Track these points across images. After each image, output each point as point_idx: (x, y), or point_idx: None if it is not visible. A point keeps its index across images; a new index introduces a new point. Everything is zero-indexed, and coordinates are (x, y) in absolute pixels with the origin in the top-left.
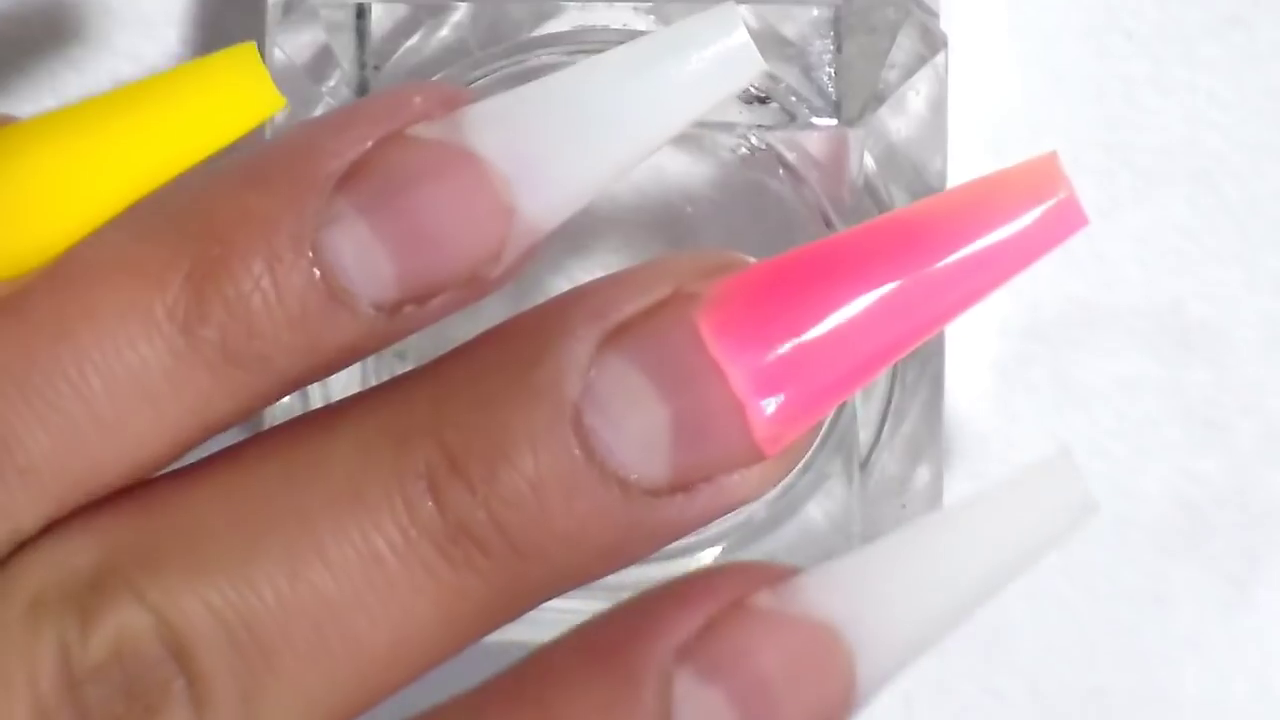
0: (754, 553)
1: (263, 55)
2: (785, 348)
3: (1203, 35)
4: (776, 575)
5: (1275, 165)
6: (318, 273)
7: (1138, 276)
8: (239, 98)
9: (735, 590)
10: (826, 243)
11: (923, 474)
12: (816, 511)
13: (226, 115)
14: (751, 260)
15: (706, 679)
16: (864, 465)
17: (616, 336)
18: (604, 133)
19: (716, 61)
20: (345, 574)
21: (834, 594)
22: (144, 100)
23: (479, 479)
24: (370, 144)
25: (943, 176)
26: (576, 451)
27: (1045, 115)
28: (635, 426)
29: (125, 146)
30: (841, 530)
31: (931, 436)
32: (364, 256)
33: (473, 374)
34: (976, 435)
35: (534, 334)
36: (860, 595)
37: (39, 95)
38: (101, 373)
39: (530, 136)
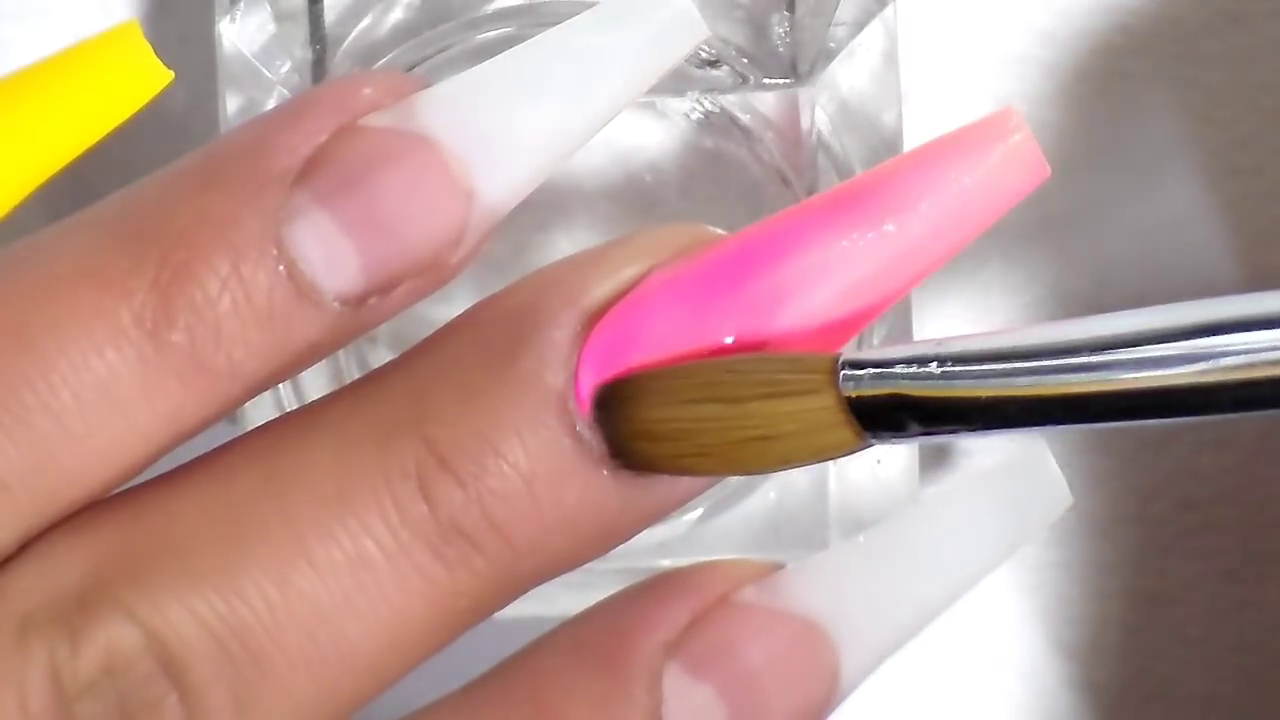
0: (733, 515)
1: (214, 43)
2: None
3: None
4: (760, 571)
5: (1275, 161)
6: (283, 269)
7: (1136, 274)
8: (126, 77)
9: (720, 586)
10: (786, 213)
11: None
12: (794, 471)
13: (115, 96)
14: (719, 232)
15: (695, 674)
16: None
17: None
18: (556, 107)
19: (662, 29)
20: (335, 579)
21: (817, 589)
22: (29, 89)
23: (469, 474)
24: (324, 137)
25: (898, 129)
26: (565, 440)
27: (1004, 65)
28: None
29: (14, 138)
30: (817, 488)
31: None
32: (328, 249)
33: (452, 367)
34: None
35: (511, 323)
36: (842, 590)
37: None
38: (70, 384)
39: (484, 117)
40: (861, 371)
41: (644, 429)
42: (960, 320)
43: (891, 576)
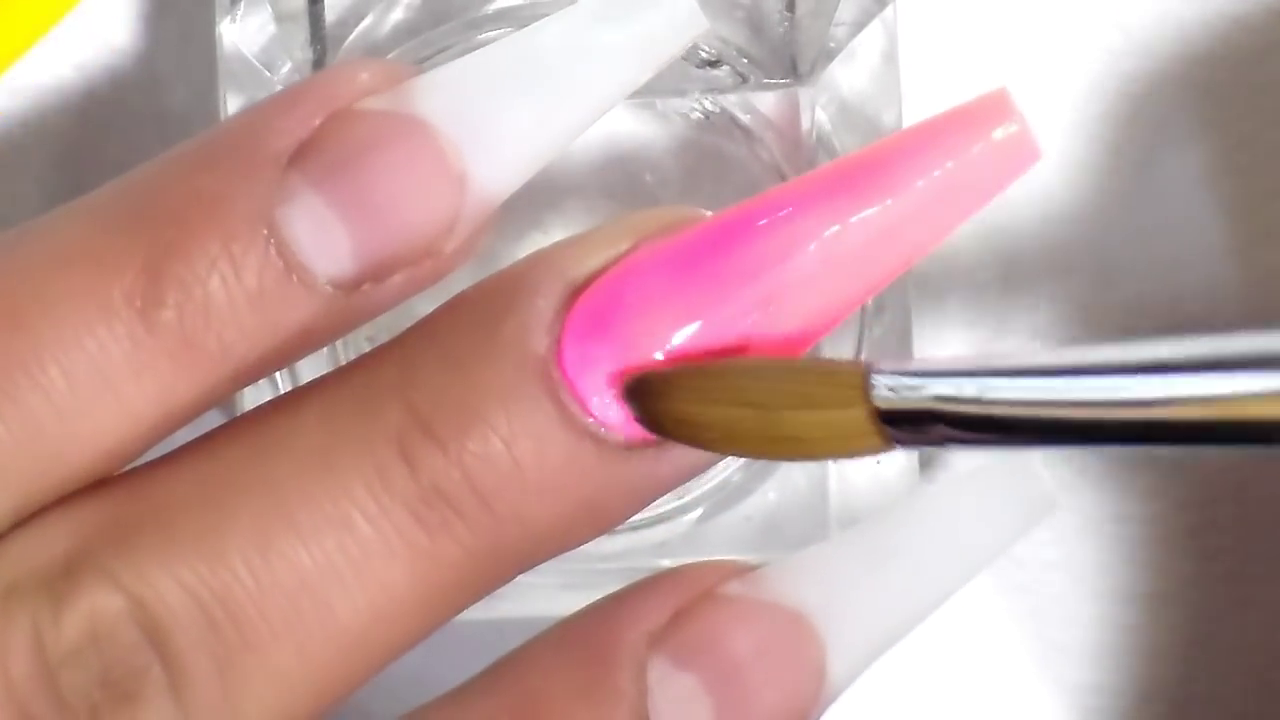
0: (733, 515)
1: (214, 44)
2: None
3: None
4: (747, 567)
5: (1275, 161)
6: (274, 250)
7: (1135, 273)
8: None
9: (706, 581)
10: (775, 189)
11: None
12: (794, 471)
13: (30, 13)
14: (707, 213)
15: (679, 664)
16: None
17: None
18: (551, 96)
19: (661, 21)
20: (318, 544)
21: (802, 583)
22: None
23: (450, 438)
24: (319, 120)
25: (898, 129)
26: (548, 405)
27: (1005, 65)
28: (603, 380)
29: None
30: (818, 489)
31: None
32: (319, 231)
33: (437, 337)
34: None
35: (497, 295)
36: (828, 585)
37: None
38: (60, 362)
39: (478, 102)
40: (893, 386)
41: (678, 415)
42: (958, 320)
43: (879, 572)
